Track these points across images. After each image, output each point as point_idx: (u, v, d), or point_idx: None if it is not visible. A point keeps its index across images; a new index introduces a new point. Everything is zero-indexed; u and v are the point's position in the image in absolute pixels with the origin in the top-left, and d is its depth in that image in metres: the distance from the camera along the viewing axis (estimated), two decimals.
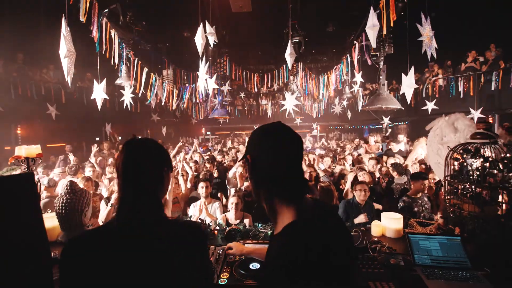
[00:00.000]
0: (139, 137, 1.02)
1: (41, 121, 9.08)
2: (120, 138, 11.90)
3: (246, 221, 3.17)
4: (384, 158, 5.96)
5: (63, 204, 2.47)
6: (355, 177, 3.96)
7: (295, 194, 0.81)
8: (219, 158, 6.44)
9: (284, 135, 0.82)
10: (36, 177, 2.39)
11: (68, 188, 2.56)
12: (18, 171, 2.81)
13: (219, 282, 1.54)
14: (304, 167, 4.54)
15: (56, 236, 2.51)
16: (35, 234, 1.43)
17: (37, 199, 1.43)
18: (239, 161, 4.34)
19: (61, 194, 2.60)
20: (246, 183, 4.15)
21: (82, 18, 4.39)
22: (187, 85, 11.58)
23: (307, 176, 4.15)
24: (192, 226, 0.99)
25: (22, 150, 2.47)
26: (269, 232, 2.53)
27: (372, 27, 4.17)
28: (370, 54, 6.97)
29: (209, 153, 7.14)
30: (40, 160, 2.66)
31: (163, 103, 9.51)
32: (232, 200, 3.24)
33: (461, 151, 2.13)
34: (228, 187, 4.62)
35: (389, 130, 10.84)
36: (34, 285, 1.41)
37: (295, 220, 0.77)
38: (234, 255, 1.84)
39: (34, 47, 8.74)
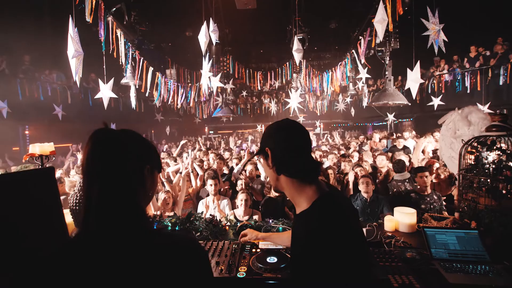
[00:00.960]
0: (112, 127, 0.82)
1: (48, 121, 9.17)
2: None
3: (256, 217, 3.17)
4: (389, 154, 5.91)
5: (77, 201, 2.49)
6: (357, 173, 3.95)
7: (313, 175, 0.96)
8: (226, 155, 6.48)
9: (295, 129, 0.99)
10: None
11: (81, 185, 2.58)
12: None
13: (237, 275, 1.55)
14: None
15: (70, 232, 2.53)
16: (56, 228, 1.45)
17: (58, 193, 1.44)
18: (254, 155, 4.38)
19: (75, 191, 2.62)
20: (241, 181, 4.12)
21: (88, 18, 4.41)
22: (190, 84, 11.61)
23: None
24: (182, 240, 0.75)
25: (36, 148, 2.50)
26: (280, 228, 2.53)
27: (382, 21, 4.13)
28: (375, 50, 6.92)
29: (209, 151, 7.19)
30: (54, 158, 2.69)
31: (169, 102, 9.55)
32: (242, 197, 3.24)
33: (476, 144, 2.12)
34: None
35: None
36: None
37: (320, 196, 0.91)
38: (249, 240, 1.87)
39: (41, 49, 8.81)
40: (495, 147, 1.92)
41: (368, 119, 16.06)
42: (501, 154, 1.88)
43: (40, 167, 2.45)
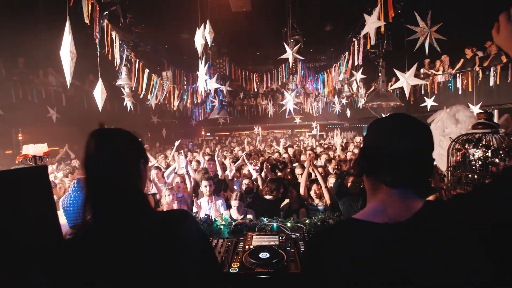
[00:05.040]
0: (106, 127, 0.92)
1: (41, 124, 9.11)
2: None
3: (250, 216, 3.20)
4: None
5: (70, 202, 2.50)
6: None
7: (385, 181, 0.75)
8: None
9: (383, 125, 0.81)
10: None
11: (75, 185, 2.59)
12: None
13: (230, 270, 1.58)
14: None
15: (63, 233, 2.54)
16: (50, 227, 1.46)
17: (51, 192, 1.46)
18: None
19: (68, 192, 2.63)
20: (245, 181, 4.18)
21: (86, 20, 4.44)
22: (186, 86, 11.65)
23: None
24: (178, 213, 0.90)
25: (30, 149, 2.51)
26: (274, 225, 2.56)
27: (373, 23, 4.21)
28: (369, 52, 7.03)
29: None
30: (47, 159, 2.69)
31: (159, 103, 9.57)
32: (234, 203, 3.28)
33: (463, 142, 2.17)
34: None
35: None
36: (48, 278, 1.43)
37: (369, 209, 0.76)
38: None
39: (35, 51, 8.78)
40: (480, 144, 1.98)
41: (363, 120, 16.19)
42: (485, 150, 1.93)
43: None
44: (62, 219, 2.56)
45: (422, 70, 10.36)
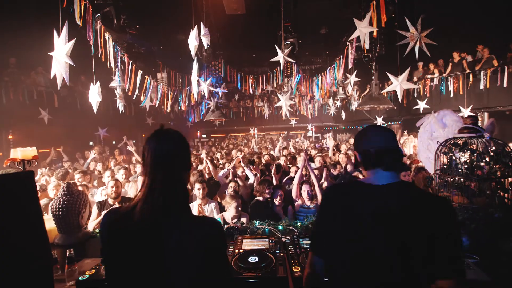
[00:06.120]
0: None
1: (33, 125, 8.97)
2: (114, 142, 11.83)
3: (243, 219, 3.20)
4: None
5: (60, 206, 2.48)
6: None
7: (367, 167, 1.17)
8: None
9: (362, 132, 1.21)
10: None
11: (65, 189, 2.56)
12: None
13: None
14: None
15: (52, 238, 2.51)
16: (36, 233, 1.45)
17: (37, 198, 1.44)
18: None
19: (58, 196, 2.60)
20: (232, 184, 4.18)
21: (78, 21, 4.40)
22: (181, 87, 11.62)
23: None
24: (211, 220, 1.01)
25: (18, 153, 2.47)
26: (266, 229, 2.57)
27: (364, 28, 4.26)
28: (362, 55, 7.10)
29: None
30: (36, 163, 2.66)
31: (156, 105, 9.52)
32: (234, 204, 3.28)
33: (449, 146, 2.21)
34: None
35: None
36: (35, 284, 1.42)
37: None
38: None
39: (27, 52, 8.68)
40: (465, 148, 2.02)
41: (358, 122, 16.32)
42: (471, 154, 1.97)
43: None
44: (51, 224, 2.53)
45: (415, 78, 10.50)
